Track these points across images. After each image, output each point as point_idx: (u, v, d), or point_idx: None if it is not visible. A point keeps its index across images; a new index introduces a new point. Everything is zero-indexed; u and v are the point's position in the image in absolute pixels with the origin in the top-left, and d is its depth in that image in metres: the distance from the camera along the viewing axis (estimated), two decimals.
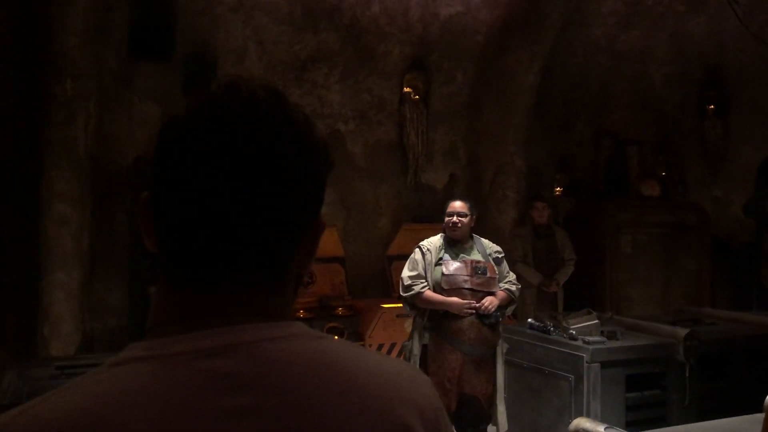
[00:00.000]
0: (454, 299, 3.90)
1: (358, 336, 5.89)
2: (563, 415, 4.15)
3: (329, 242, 6.19)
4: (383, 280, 6.57)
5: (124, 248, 5.57)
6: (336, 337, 0.78)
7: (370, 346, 5.79)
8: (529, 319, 4.71)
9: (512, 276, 4.19)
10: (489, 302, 3.93)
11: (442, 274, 3.96)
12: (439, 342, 3.93)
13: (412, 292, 3.93)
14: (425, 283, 3.94)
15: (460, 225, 4.07)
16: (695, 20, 7.51)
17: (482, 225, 6.94)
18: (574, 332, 4.28)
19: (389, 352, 5.86)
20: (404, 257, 4.29)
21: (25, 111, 5.08)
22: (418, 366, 3.87)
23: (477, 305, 3.91)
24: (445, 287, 3.94)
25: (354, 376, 0.70)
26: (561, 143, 7.72)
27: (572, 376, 4.10)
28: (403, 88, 6.79)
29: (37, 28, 4.99)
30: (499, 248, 4.22)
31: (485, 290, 3.98)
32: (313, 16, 6.32)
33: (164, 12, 5.68)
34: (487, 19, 6.73)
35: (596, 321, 4.51)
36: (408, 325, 4.29)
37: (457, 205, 4.12)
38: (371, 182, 6.79)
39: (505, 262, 4.21)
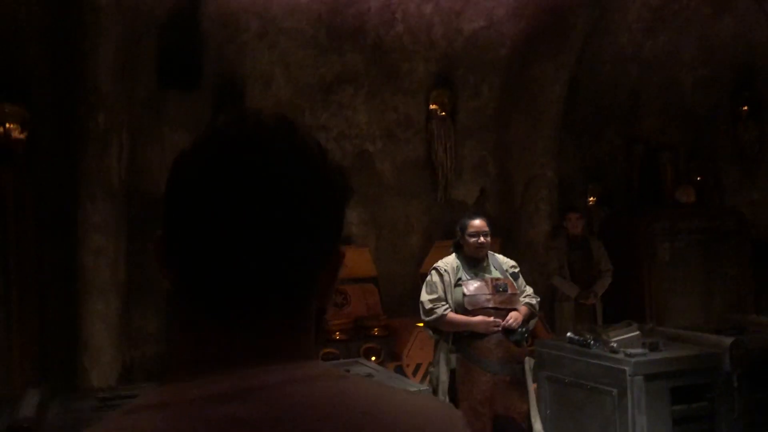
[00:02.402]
0: (480, 318, 3.85)
1: (394, 356, 5.85)
2: (608, 431, 4.06)
3: (362, 262, 6.18)
4: (418, 299, 6.52)
5: (161, 277, 5.62)
6: (361, 376, 0.74)
7: (408, 366, 5.75)
8: (569, 333, 4.63)
9: (530, 289, 4.14)
10: (514, 319, 3.88)
11: (464, 294, 3.90)
12: (467, 365, 3.86)
13: (435, 316, 3.87)
14: (447, 306, 3.88)
15: (486, 243, 4.03)
16: (723, 22, 7.40)
17: (515, 238, 6.89)
18: (615, 345, 4.19)
19: (428, 371, 5.81)
20: None
21: (61, 144, 5.19)
22: (446, 392, 3.82)
23: (503, 323, 3.86)
24: (469, 308, 3.87)
25: (379, 418, 0.67)
26: (592, 153, 7.63)
27: (615, 390, 4.01)
28: (429, 105, 6.79)
29: (71, 63, 5.12)
30: (513, 263, 4.18)
31: (508, 307, 3.93)
32: (337, 39, 6.37)
33: (192, 41, 5.78)
34: (512, 32, 6.71)
35: (637, 332, 4.41)
36: None
37: (480, 223, 4.05)
38: (401, 200, 6.78)
39: (521, 276, 4.17)
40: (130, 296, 5.44)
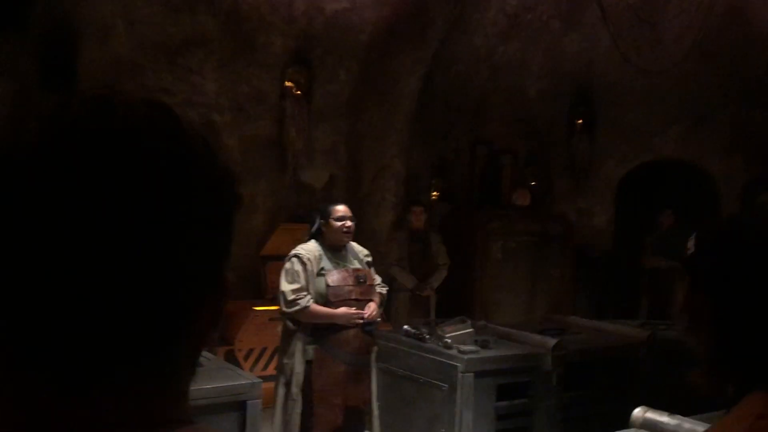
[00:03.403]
0: (343, 311, 3.78)
1: (226, 341, 5.59)
2: (434, 426, 4.12)
3: None
4: (256, 281, 6.30)
5: None
6: None
7: (239, 350, 5.52)
8: (405, 326, 4.66)
9: (379, 278, 4.15)
10: (372, 310, 3.89)
11: (327, 285, 3.80)
12: (324, 356, 3.79)
13: (298, 307, 3.71)
14: (309, 296, 3.75)
15: (352, 229, 3.96)
16: (569, 38, 7.83)
17: (359, 228, 6.84)
18: (449, 341, 4.26)
19: (259, 357, 5.62)
20: (280, 258, 4.09)
21: None
22: (301, 384, 3.71)
23: (365, 315, 3.83)
24: (333, 300, 3.79)
25: None
26: (439, 149, 7.79)
27: (446, 386, 4.07)
28: (284, 82, 6.55)
29: None
30: (367, 251, 4.16)
31: (367, 298, 3.92)
32: None
33: None
34: (373, 19, 6.63)
35: (471, 329, 4.53)
36: (280, 329, 4.09)
37: (345, 208, 3.97)
38: (247, 178, 6.49)
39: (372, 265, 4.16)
40: None
